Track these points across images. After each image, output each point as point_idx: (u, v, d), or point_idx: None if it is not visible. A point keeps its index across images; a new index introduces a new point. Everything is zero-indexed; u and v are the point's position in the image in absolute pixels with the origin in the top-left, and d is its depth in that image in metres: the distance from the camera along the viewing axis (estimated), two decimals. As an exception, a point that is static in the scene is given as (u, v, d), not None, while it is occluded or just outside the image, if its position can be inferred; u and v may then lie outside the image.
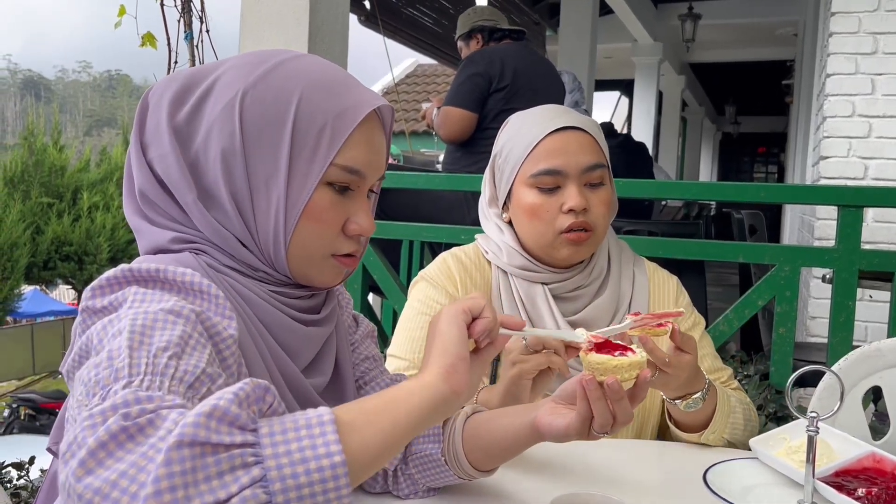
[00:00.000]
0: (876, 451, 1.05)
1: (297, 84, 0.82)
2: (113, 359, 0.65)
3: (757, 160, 18.76)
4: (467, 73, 3.12)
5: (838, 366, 1.33)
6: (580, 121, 1.31)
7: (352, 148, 0.83)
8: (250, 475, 0.56)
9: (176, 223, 0.84)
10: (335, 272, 0.88)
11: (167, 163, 0.82)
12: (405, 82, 13.31)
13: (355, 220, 0.85)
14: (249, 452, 0.57)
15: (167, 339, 0.68)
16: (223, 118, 0.81)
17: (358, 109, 0.83)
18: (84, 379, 0.66)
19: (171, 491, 0.54)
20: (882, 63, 3.23)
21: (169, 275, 0.76)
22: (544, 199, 1.28)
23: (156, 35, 2.62)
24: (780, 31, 8.54)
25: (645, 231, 3.52)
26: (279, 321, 0.85)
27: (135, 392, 0.60)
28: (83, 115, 68.89)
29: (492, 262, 1.37)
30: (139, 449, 0.56)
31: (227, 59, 0.88)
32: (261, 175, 0.81)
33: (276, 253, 0.83)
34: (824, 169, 3.31)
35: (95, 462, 0.56)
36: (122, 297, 0.73)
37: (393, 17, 6.04)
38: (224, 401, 0.58)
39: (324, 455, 0.58)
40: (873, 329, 3.07)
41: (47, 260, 13.05)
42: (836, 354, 1.80)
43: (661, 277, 1.43)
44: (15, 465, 2.26)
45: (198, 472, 0.55)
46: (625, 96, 11.90)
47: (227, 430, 0.57)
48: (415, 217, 2.47)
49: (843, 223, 1.95)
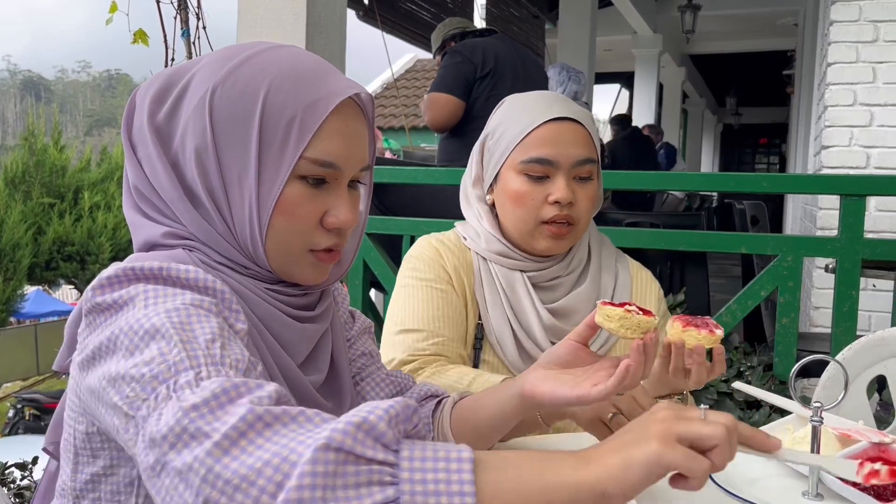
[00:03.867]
0: (882, 438, 1.04)
1: (265, 77, 0.80)
2: (165, 354, 0.66)
3: (758, 151, 18.72)
4: (452, 61, 3.14)
5: (842, 355, 1.32)
6: (577, 113, 1.29)
7: (324, 140, 0.81)
8: (384, 494, 0.57)
9: (167, 219, 0.83)
10: (316, 268, 0.86)
11: (152, 162, 0.82)
12: (404, 77, 13.27)
13: (333, 213, 0.83)
14: (388, 471, 0.58)
15: (209, 330, 0.69)
16: (195, 116, 0.80)
17: (329, 100, 0.81)
18: (134, 375, 0.66)
19: (311, 489, 0.55)
20: (883, 51, 3.21)
21: (172, 272, 0.75)
22: (531, 187, 1.26)
23: (154, 32, 2.62)
24: (780, 21, 8.51)
25: (647, 223, 3.51)
26: (274, 316, 0.84)
27: (230, 379, 0.63)
28: (83, 114, 68.93)
29: (471, 248, 1.35)
30: (281, 440, 0.59)
31: (204, 56, 0.87)
32: (233, 171, 0.80)
33: (255, 249, 0.82)
34: (826, 158, 3.30)
35: (238, 449, 0.58)
36: (131, 294, 0.72)
37: (391, 12, 6.01)
38: (374, 416, 0.60)
39: (456, 493, 0.58)
40: (877, 318, 3.05)
41: (49, 260, 13.06)
42: (840, 344, 1.79)
43: (645, 278, 1.42)
44: (18, 466, 2.26)
45: (337, 478, 0.56)
46: (625, 89, 11.87)
47: (371, 444, 0.58)
48: (418, 212, 2.46)
49: (846, 212, 1.94)
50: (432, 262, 1.33)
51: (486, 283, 1.32)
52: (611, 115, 8.53)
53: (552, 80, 4.09)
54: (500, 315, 1.30)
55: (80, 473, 0.78)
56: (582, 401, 0.82)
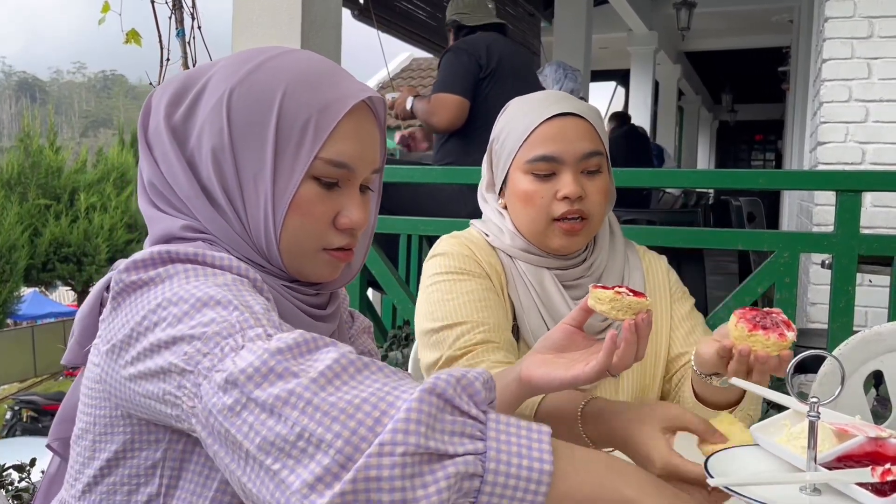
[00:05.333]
0: (879, 433, 1.04)
1: (281, 80, 0.83)
2: (226, 316, 0.68)
3: (754, 148, 18.72)
4: (458, 60, 3.06)
5: (839, 350, 1.33)
6: (579, 107, 1.28)
7: (338, 141, 0.83)
8: (475, 445, 0.63)
9: (183, 214, 0.85)
10: (329, 266, 0.88)
11: (169, 160, 0.84)
12: (400, 76, 13.26)
13: (346, 213, 0.85)
14: (478, 427, 0.64)
15: (262, 302, 0.72)
16: (213, 116, 0.83)
17: (343, 102, 0.83)
18: (190, 336, 0.67)
19: (416, 423, 0.60)
20: (878, 47, 3.21)
21: (207, 258, 0.77)
22: (539, 186, 1.25)
23: (148, 33, 2.61)
24: (775, 17, 8.52)
25: (643, 220, 3.52)
26: (292, 312, 0.86)
27: (301, 334, 0.65)
28: (79, 115, 68.79)
29: (495, 246, 1.32)
30: (373, 385, 0.63)
31: (220, 59, 0.89)
32: (249, 171, 0.82)
33: (269, 247, 0.84)
34: (822, 154, 3.30)
35: (334, 387, 0.62)
36: (169, 272, 0.74)
37: (387, 11, 6.01)
38: (472, 375, 0.65)
39: (536, 458, 0.64)
40: (873, 314, 3.06)
41: (46, 262, 13.05)
42: (837, 340, 1.80)
43: (652, 258, 1.42)
44: (16, 468, 2.26)
45: (437, 422, 0.61)
46: (621, 87, 11.88)
47: (467, 399, 0.64)
48: (414, 212, 2.46)
49: (842, 208, 1.95)
50: (465, 257, 1.29)
51: (517, 283, 1.30)
52: (607, 113, 8.53)
53: (549, 79, 4.08)
54: (535, 315, 1.28)
55: (96, 460, 0.79)
56: (577, 381, 0.88)
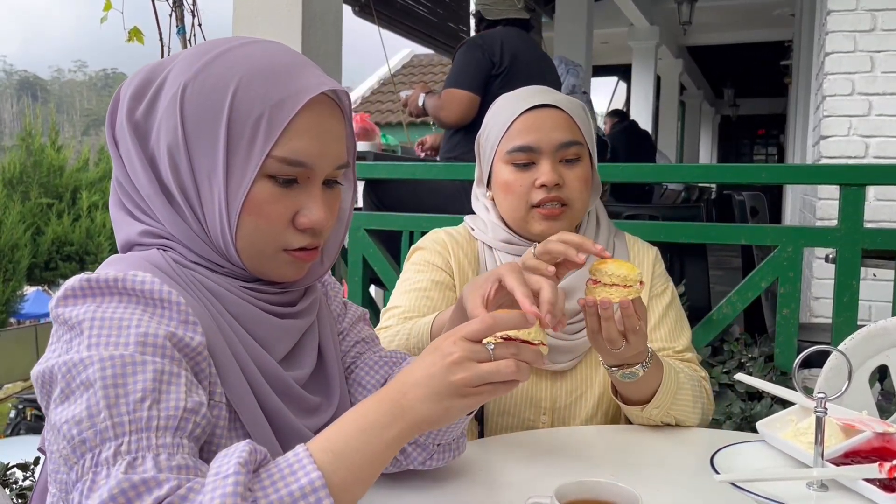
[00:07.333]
0: (886, 428, 1.03)
1: (235, 73, 0.79)
2: (94, 416, 0.67)
3: (756, 142, 18.71)
4: (472, 56, 3.06)
5: (844, 345, 1.32)
6: (557, 99, 1.33)
7: (293, 138, 0.79)
8: None
9: (146, 216, 0.83)
10: (292, 267, 0.85)
11: (131, 158, 0.81)
12: (401, 73, 13.24)
13: (305, 212, 0.82)
14: None
15: (142, 386, 0.69)
16: (168, 113, 0.80)
17: (298, 97, 0.79)
18: (66, 434, 0.68)
19: None
20: (881, 40, 3.20)
21: (128, 284, 0.74)
22: (518, 175, 1.32)
23: (149, 30, 2.61)
24: (776, 11, 8.49)
25: (646, 215, 3.50)
26: (250, 313, 0.83)
27: (128, 478, 0.65)
28: (80, 114, 68.78)
29: (478, 238, 1.40)
30: None
31: (181, 52, 0.85)
32: (203, 170, 0.79)
33: (227, 248, 0.82)
34: (825, 148, 3.29)
35: None
36: (79, 317, 0.72)
37: (387, 8, 5.99)
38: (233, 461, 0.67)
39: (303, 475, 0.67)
40: (878, 308, 3.05)
41: (48, 260, 13.05)
42: (841, 334, 1.79)
43: (640, 247, 1.45)
44: (20, 466, 2.26)
45: None
46: (622, 81, 11.85)
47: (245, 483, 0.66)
48: (416, 208, 2.46)
49: (845, 202, 1.94)
50: (435, 252, 1.39)
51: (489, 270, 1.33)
52: (608, 110, 8.51)
53: None
54: None
55: None
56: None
